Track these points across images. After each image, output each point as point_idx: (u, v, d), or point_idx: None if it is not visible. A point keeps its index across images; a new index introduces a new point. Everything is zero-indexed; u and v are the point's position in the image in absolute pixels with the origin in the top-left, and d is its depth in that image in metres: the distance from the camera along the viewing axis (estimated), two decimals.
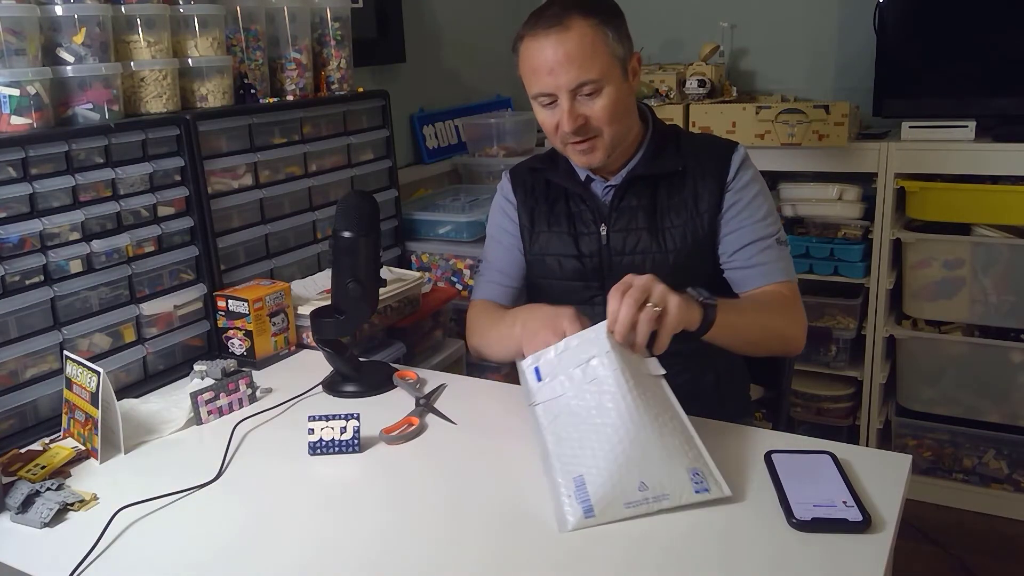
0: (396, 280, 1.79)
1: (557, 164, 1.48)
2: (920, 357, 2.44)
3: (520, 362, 1.21)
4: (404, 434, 1.27)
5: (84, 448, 1.27)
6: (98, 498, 1.14)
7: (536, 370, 1.17)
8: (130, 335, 1.50)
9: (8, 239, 1.31)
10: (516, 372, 1.23)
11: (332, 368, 1.48)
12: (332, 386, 1.46)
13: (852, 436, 2.56)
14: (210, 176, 1.62)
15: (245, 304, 1.57)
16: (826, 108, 2.28)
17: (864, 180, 2.41)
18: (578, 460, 1.04)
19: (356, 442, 1.22)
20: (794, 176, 2.50)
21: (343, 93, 1.97)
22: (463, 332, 2.11)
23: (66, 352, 1.33)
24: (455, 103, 2.71)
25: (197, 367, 1.49)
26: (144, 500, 1.11)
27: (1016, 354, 2.32)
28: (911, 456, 1.13)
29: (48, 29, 1.41)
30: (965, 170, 2.24)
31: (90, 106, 1.45)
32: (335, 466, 1.20)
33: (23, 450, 1.27)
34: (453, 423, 1.32)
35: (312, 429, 1.22)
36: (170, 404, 1.39)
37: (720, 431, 1.22)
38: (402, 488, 1.14)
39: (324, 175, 1.90)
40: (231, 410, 1.39)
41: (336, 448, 1.22)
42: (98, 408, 1.23)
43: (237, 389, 1.41)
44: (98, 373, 1.22)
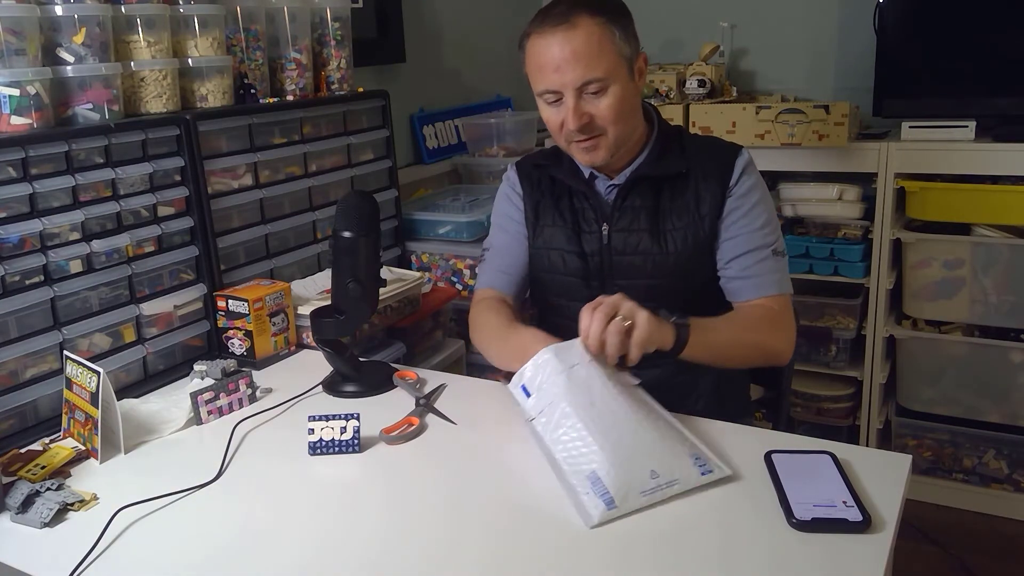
0: (396, 280, 1.79)
1: (561, 161, 1.48)
2: (920, 357, 2.44)
3: (509, 387, 1.25)
4: (404, 434, 1.27)
5: (84, 448, 1.27)
6: (98, 498, 1.14)
7: (523, 388, 1.21)
8: (130, 335, 1.50)
9: (8, 239, 1.31)
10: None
11: (332, 368, 1.48)
12: (332, 386, 1.46)
13: (852, 436, 2.56)
14: (210, 176, 1.62)
15: (245, 304, 1.57)
16: (826, 108, 2.28)
17: (864, 180, 2.41)
18: (586, 458, 1.06)
19: (356, 442, 1.22)
20: (794, 176, 2.50)
21: (343, 93, 1.97)
22: (463, 332, 2.12)
23: (66, 352, 1.33)
24: (455, 103, 2.70)
25: (197, 367, 1.49)
26: (144, 500, 1.11)
27: (1016, 354, 2.32)
28: (911, 456, 1.13)
29: (48, 29, 1.41)
30: (965, 170, 2.24)
31: (90, 106, 1.45)
32: (335, 466, 1.20)
33: (23, 450, 1.27)
34: (453, 423, 1.32)
35: (312, 429, 1.22)
36: (170, 404, 1.39)
37: (720, 431, 1.22)
38: (402, 488, 1.14)
39: (324, 175, 1.90)
40: (231, 410, 1.39)
41: (336, 448, 1.22)
42: (98, 408, 1.23)
43: (237, 389, 1.41)
44: (98, 373, 1.22)
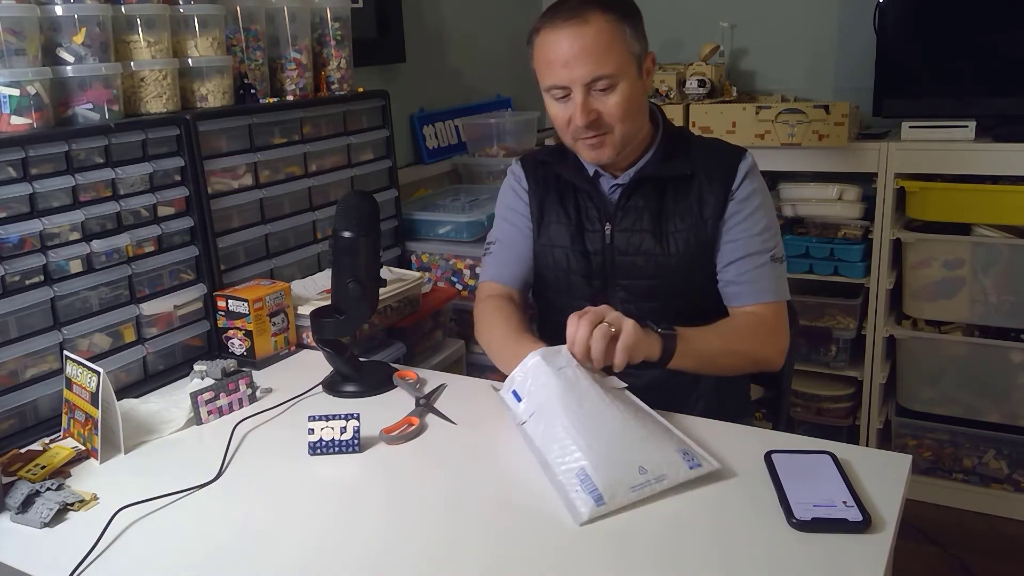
0: (396, 280, 1.79)
1: (566, 158, 1.47)
2: (920, 357, 2.44)
3: (500, 393, 1.26)
4: (404, 434, 1.27)
5: (84, 448, 1.27)
6: (98, 498, 1.14)
7: (514, 393, 1.22)
8: (130, 335, 1.50)
9: (8, 239, 1.30)
10: None
11: (332, 368, 1.48)
12: (332, 386, 1.46)
13: (852, 436, 2.56)
14: (210, 176, 1.62)
15: (245, 304, 1.57)
16: (826, 108, 2.28)
17: (864, 180, 2.40)
18: (575, 457, 1.07)
19: (356, 442, 1.22)
20: (794, 176, 2.49)
21: (343, 93, 1.97)
22: (463, 332, 2.12)
23: (66, 352, 1.33)
24: (455, 103, 2.70)
25: (197, 367, 1.48)
26: (144, 500, 1.11)
27: (1016, 354, 2.32)
28: (911, 456, 1.13)
29: (48, 29, 1.41)
30: (965, 170, 2.24)
31: (90, 106, 1.45)
32: (335, 466, 1.20)
33: (23, 450, 1.27)
34: (453, 423, 1.32)
35: (312, 429, 1.22)
36: (170, 404, 1.39)
37: (720, 431, 1.22)
38: (402, 488, 1.14)
39: (324, 175, 1.89)
40: (231, 410, 1.39)
41: (336, 448, 1.22)
42: (98, 408, 1.23)
43: (237, 389, 1.41)
44: (98, 373, 1.22)
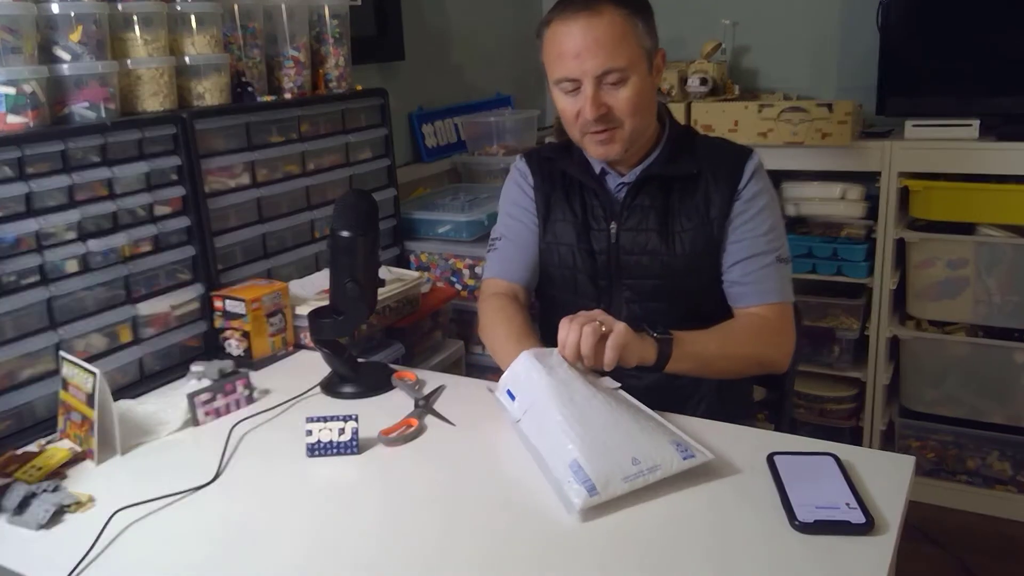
0: (395, 280, 1.79)
1: (571, 155, 1.46)
2: (923, 358, 2.43)
3: (495, 394, 1.26)
4: (403, 435, 1.26)
5: (80, 449, 1.26)
6: (94, 500, 1.13)
7: (508, 392, 1.22)
8: (126, 335, 1.49)
9: (4, 239, 1.30)
10: None
11: (330, 369, 1.47)
12: (330, 387, 1.45)
13: (855, 437, 2.55)
14: (207, 175, 1.61)
15: (242, 304, 1.56)
16: (829, 106, 2.27)
17: (867, 179, 2.39)
18: (567, 449, 1.07)
19: (354, 443, 1.21)
20: (797, 175, 2.48)
21: (341, 91, 1.96)
22: (463, 332, 2.11)
23: (62, 353, 1.32)
24: (454, 101, 2.69)
25: (194, 368, 1.48)
26: (141, 502, 1.10)
27: (1020, 355, 2.31)
28: (914, 458, 1.13)
29: (44, 27, 1.40)
30: (969, 169, 2.23)
31: (86, 104, 1.44)
32: (333, 468, 1.19)
33: (19, 451, 1.26)
34: (452, 424, 1.31)
35: (310, 430, 1.21)
36: (167, 405, 1.38)
37: (722, 432, 1.22)
38: (400, 490, 1.13)
39: (322, 174, 1.89)
40: (228, 411, 1.38)
41: (334, 449, 1.21)
42: (94, 409, 1.22)
43: (234, 390, 1.40)
44: (94, 374, 1.21)
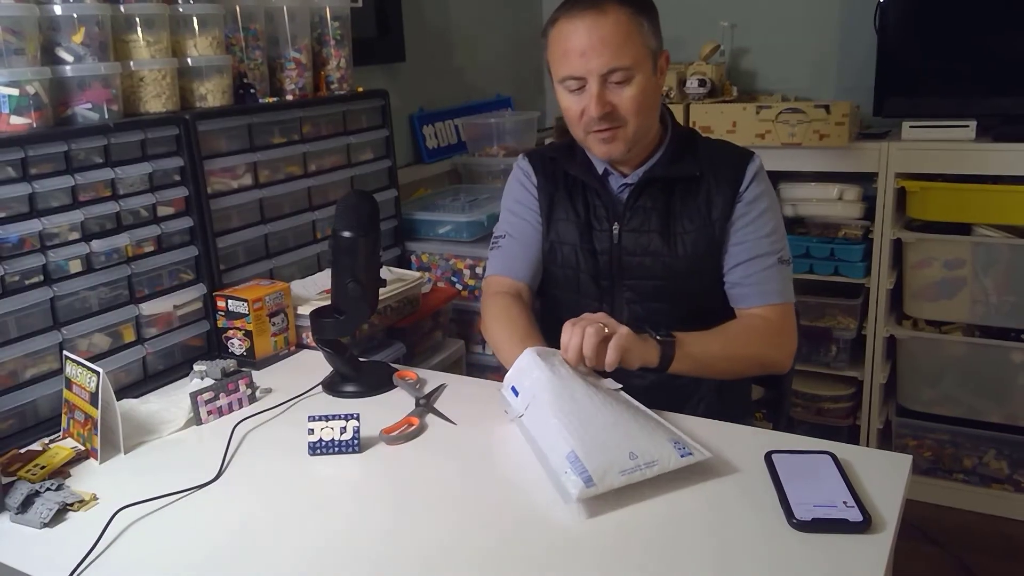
0: (396, 280, 1.79)
1: (574, 155, 1.46)
2: (920, 357, 2.44)
3: (501, 391, 1.27)
4: (404, 434, 1.27)
5: (84, 448, 1.26)
6: (98, 498, 1.14)
7: (512, 388, 1.23)
8: (130, 335, 1.50)
9: (8, 239, 1.30)
10: None
11: (332, 368, 1.48)
12: (332, 386, 1.46)
13: (852, 436, 2.55)
14: (209, 176, 1.62)
15: (245, 304, 1.57)
16: (827, 108, 2.28)
17: (865, 180, 2.40)
18: (565, 440, 1.08)
19: (356, 442, 1.22)
20: (795, 176, 2.49)
21: (343, 93, 1.97)
22: (463, 332, 2.12)
23: (66, 352, 1.32)
24: (455, 102, 2.70)
25: (197, 367, 1.48)
26: (144, 500, 1.11)
27: (1017, 354, 2.31)
28: (911, 456, 1.13)
29: (47, 28, 1.41)
30: (966, 170, 2.24)
31: (89, 106, 1.44)
32: (335, 466, 1.20)
33: (23, 450, 1.27)
34: (453, 423, 1.32)
35: (312, 429, 1.22)
36: (170, 404, 1.38)
37: (720, 431, 1.22)
38: (402, 488, 1.14)
39: (323, 175, 1.89)
40: (231, 410, 1.39)
41: (336, 448, 1.22)
42: (98, 408, 1.22)
43: (237, 389, 1.40)
44: (98, 373, 1.22)
